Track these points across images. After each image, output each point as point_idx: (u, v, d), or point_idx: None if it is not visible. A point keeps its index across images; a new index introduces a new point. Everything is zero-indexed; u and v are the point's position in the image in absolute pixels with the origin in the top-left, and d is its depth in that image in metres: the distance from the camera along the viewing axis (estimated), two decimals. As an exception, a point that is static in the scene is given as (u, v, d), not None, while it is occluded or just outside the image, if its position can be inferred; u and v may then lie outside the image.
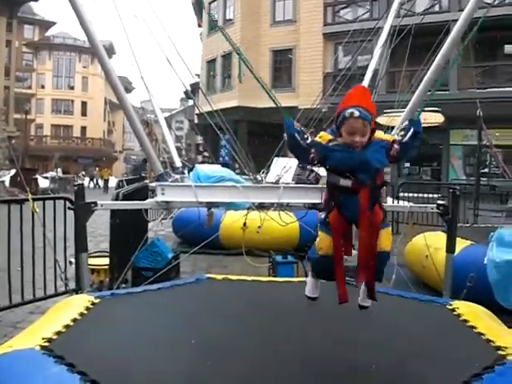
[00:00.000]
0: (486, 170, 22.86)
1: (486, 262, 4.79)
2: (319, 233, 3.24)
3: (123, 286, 5.87)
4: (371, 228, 3.07)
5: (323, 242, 3.19)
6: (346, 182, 3.06)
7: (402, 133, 3.24)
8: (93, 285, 6.05)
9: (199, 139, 39.88)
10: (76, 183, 5.02)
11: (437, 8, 24.87)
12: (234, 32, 31.05)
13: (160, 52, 5.92)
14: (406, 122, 3.35)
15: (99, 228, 11.56)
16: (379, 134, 3.19)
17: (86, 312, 3.01)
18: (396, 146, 3.14)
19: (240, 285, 3.78)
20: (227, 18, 33.16)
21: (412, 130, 3.16)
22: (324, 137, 3.16)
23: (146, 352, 2.54)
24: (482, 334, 2.73)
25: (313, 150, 3.12)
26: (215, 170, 5.77)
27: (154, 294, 3.52)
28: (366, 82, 7.82)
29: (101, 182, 42.16)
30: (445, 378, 2.38)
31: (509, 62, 25.44)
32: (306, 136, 3.19)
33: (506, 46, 26.78)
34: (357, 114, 3.01)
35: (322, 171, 6.40)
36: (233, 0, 32.31)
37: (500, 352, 2.44)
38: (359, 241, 3.10)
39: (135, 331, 2.82)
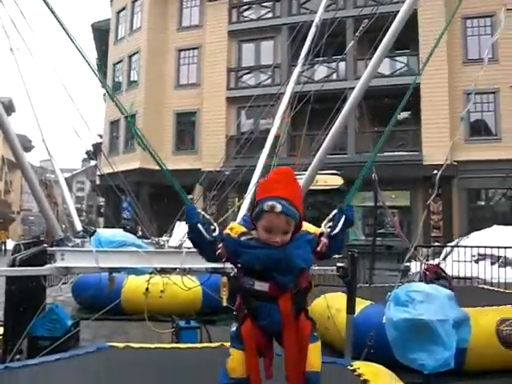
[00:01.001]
0: (383, 231, 23.74)
1: (384, 321, 4.94)
2: (230, 350, 2.63)
3: (17, 357, 5.57)
4: (298, 344, 2.55)
5: (236, 360, 2.57)
6: (262, 286, 2.52)
7: (330, 224, 2.81)
8: (-16, 357, 5.70)
9: (101, 201, 39.12)
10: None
11: (334, 76, 26.11)
12: (138, 93, 31.16)
13: (62, 111, 5.87)
14: (335, 211, 2.88)
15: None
16: (304, 225, 2.69)
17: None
18: (324, 239, 2.69)
19: (143, 353, 3.71)
20: (131, 79, 33.25)
21: (343, 217, 2.79)
22: (235, 229, 2.63)
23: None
24: (382, 396, 2.80)
25: (220, 245, 2.59)
26: (117, 234, 5.70)
27: (53, 366, 3.37)
28: (267, 146, 8.06)
29: None
30: None
31: (401, 128, 26.97)
32: (212, 227, 2.69)
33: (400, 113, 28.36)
34: (279, 208, 2.47)
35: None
36: (138, 62, 32.51)
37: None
38: (285, 360, 2.56)
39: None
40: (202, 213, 2.73)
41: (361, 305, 6.39)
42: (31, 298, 6.44)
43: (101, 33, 37.66)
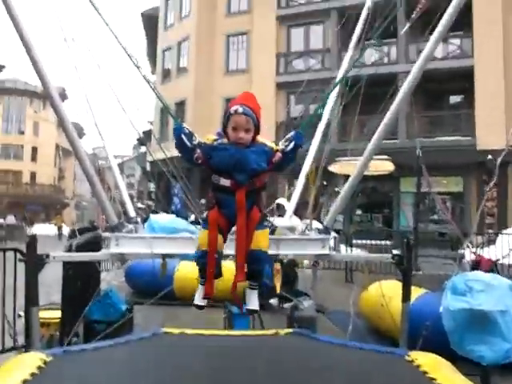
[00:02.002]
0: (435, 217, 23.35)
1: (441, 310, 4.83)
2: (201, 232, 3.53)
3: (75, 339, 5.69)
4: (247, 228, 3.29)
5: (203, 238, 3.41)
6: (225, 182, 3.33)
7: (286, 143, 3.51)
8: (42, 339, 5.83)
9: (152, 186, 39.62)
10: (28, 234, 4.89)
11: (386, 60, 25.65)
12: (188, 81, 31.35)
13: (114, 98, 5.90)
14: (292, 133, 3.59)
15: (50, 279, 11.24)
16: (262, 139, 3.50)
17: (37, 372, 2.87)
18: (279, 154, 3.44)
19: (197, 339, 3.68)
20: (181, 66, 33.46)
21: (293, 142, 3.49)
22: (209, 138, 3.43)
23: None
24: (442, 387, 2.72)
25: (198, 151, 3.38)
26: (170, 220, 5.72)
27: (109, 351, 3.39)
28: (319, 131, 7.96)
29: (54, 229, 41.32)
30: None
31: (453, 112, 26.37)
32: (193, 138, 3.43)
33: (451, 96, 27.78)
34: (240, 110, 3.35)
35: (277, 221, 6.42)
36: (186, 49, 32.66)
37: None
38: (235, 240, 3.33)
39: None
40: (187, 126, 3.50)
41: (416, 293, 6.26)
42: (87, 282, 6.55)
43: (150, 20, 37.97)
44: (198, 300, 3.70)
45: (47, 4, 5.37)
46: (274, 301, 9.15)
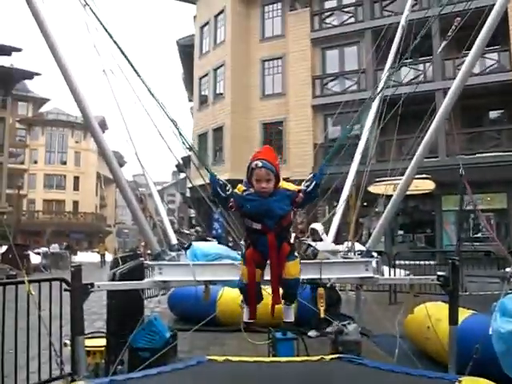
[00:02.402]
0: (479, 235, 22.89)
1: (490, 332, 4.69)
2: (241, 267, 4.13)
3: (119, 367, 5.72)
4: (278, 260, 3.91)
5: (243, 273, 4.07)
6: (256, 226, 3.90)
7: (307, 183, 4.00)
8: (88, 367, 5.87)
9: (192, 212, 39.93)
10: (73, 264, 4.95)
11: (421, 78, 25.45)
12: (225, 106, 31.66)
13: (152, 126, 5.98)
14: (311, 175, 4.06)
15: (93, 306, 11.37)
16: (285, 184, 4.02)
17: (85, 402, 2.90)
18: (301, 195, 3.95)
19: (242, 366, 3.68)
20: (217, 92, 33.81)
21: (314, 182, 3.98)
22: (240, 189, 3.99)
23: None
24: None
25: (232, 200, 3.99)
26: (212, 247, 5.76)
27: (155, 380, 3.41)
28: (358, 152, 7.92)
29: (97, 256, 41.95)
30: None
31: (494, 128, 25.95)
32: (227, 188, 4.04)
33: (490, 112, 27.40)
34: (260, 164, 3.82)
35: (319, 246, 6.39)
36: (223, 75, 33.03)
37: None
38: (270, 273, 3.97)
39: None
40: (220, 178, 4.11)
41: (463, 314, 6.10)
42: (131, 310, 6.60)
43: (186, 48, 38.56)
44: (246, 318, 4.33)
45: (87, 36, 5.51)
46: (312, 333, 9.06)
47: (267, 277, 4.14)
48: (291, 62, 30.15)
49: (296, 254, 4.17)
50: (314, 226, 9.49)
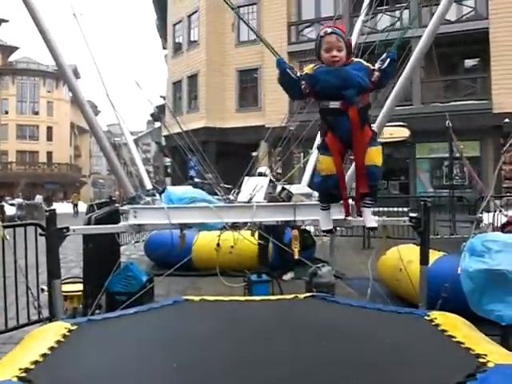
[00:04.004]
0: (454, 182, 23.21)
1: (459, 272, 4.83)
2: (319, 157, 3.72)
3: (97, 311, 5.79)
4: (363, 145, 3.51)
5: (324, 163, 3.65)
6: (335, 104, 3.47)
7: (381, 62, 3.59)
8: (66, 312, 5.94)
9: (167, 161, 39.76)
10: (47, 209, 4.95)
11: (398, 25, 25.25)
12: (199, 53, 31.21)
13: (126, 74, 5.93)
14: (385, 55, 3.65)
15: (70, 254, 11.41)
16: (359, 60, 3.71)
17: (63, 339, 2.94)
18: (377, 72, 3.53)
19: (218, 305, 3.75)
20: (192, 39, 33.26)
21: (389, 59, 3.56)
22: (309, 68, 3.61)
23: (127, 379, 2.49)
24: (462, 343, 2.75)
25: (303, 82, 3.55)
26: (187, 191, 5.76)
27: (132, 319, 3.46)
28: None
29: (71, 207, 41.73)
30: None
31: (468, 76, 26.00)
32: (295, 71, 3.65)
33: (465, 60, 27.40)
34: (329, 30, 3.49)
35: (293, 188, 6.44)
36: (197, 21, 32.43)
37: (480, 359, 2.46)
38: (354, 155, 3.60)
39: (115, 358, 2.75)
40: (287, 62, 3.75)
41: (434, 256, 6.26)
42: (107, 255, 6.64)
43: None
44: (324, 225, 4.08)
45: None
46: (288, 276, 9.19)
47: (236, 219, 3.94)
48: (266, 8, 29.67)
49: (379, 141, 3.82)
50: (262, 169, 9.34)
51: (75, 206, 40.56)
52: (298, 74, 3.61)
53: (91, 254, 5.97)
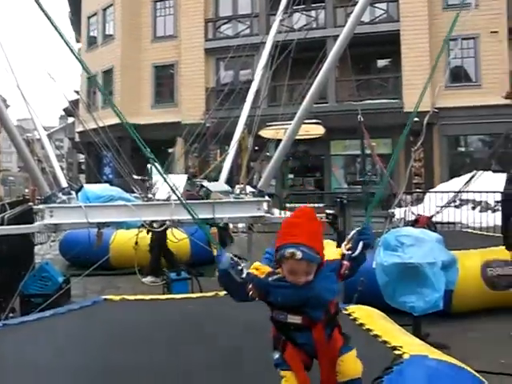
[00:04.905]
0: (365, 178, 23.85)
1: (374, 266, 5.02)
2: (281, 373, 2.67)
3: (11, 315, 5.60)
4: (332, 360, 2.65)
5: (289, 381, 2.64)
6: (295, 319, 2.63)
7: (350, 245, 2.84)
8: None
9: (81, 158, 38.80)
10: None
11: (314, 25, 25.73)
12: (115, 48, 30.61)
13: (38, 65, 5.76)
14: (354, 232, 2.90)
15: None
16: (329, 256, 2.74)
17: (-23, 345, 2.85)
18: (346, 262, 2.73)
19: (138, 305, 3.74)
20: (107, 33, 32.55)
21: (362, 243, 2.80)
22: (261, 269, 2.72)
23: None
24: (379, 336, 2.86)
25: (250, 287, 2.66)
26: (104, 189, 5.67)
27: (50, 321, 3.39)
28: (249, 99, 7.99)
29: None
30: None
31: (381, 76, 26.84)
32: (240, 268, 2.71)
33: (378, 60, 28.27)
34: (299, 255, 2.52)
35: (211, 186, 6.46)
36: (113, 15, 31.77)
37: (396, 352, 2.57)
38: (321, 374, 2.70)
39: (32, 363, 2.68)
40: (230, 255, 2.76)
41: (349, 251, 6.44)
42: (21, 256, 6.44)
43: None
44: None
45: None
46: (147, 279, 8.66)
47: None
48: (183, 2, 29.40)
49: (350, 344, 2.73)
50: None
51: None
52: (244, 275, 2.70)
53: (4, 256, 5.77)
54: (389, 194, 9.88)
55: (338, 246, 5.12)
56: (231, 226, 9.98)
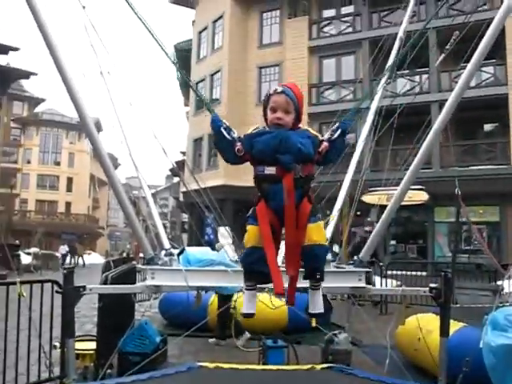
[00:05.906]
0: (471, 247, 22.92)
1: (481, 345, 4.70)
2: (247, 228, 3.16)
3: (109, 371, 5.69)
4: (297, 219, 3.03)
5: (251, 233, 3.12)
6: (270, 170, 3.06)
7: (332, 133, 3.29)
8: (77, 370, 5.84)
9: (184, 217, 39.89)
10: (67, 266, 4.94)
11: (417, 89, 25.53)
12: (220, 112, 31.69)
13: (147, 129, 5.98)
14: (337, 124, 3.35)
15: (83, 308, 11.31)
16: (307, 128, 3.33)
17: (74, 406, 2.88)
18: (325, 143, 3.21)
19: (232, 374, 3.66)
20: (214, 97, 33.77)
21: (340, 129, 3.27)
22: (249, 130, 3.28)
23: None
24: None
25: (238, 144, 3.20)
26: (205, 253, 5.73)
27: (145, 385, 3.38)
28: (353, 161, 7.93)
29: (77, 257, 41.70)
30: None
31: (488, 141, 26.06)
32: (232, 131, 3.30)
33: (484, 125, 27.54)
34: (279, 89, 3.17)
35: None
36: (219, 81, 33.01)
37: None
38: (285, 228, 3.06)
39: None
40: (224, 120, 3.38)
41: (454, 327, 6.11)
42: (122, 313, 6.58)
43: (183, 53, 38.52)
44: (246, 308, 3.35)
45: (85, 38, 5.50)
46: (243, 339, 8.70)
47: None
48: (288, 69, 30.16)
49: (319, 215, 3.23)
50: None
51: (80, 256, 40.78)
52: (235, 135, 3.26)
53: (106, 313, 5.92)
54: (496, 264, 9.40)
55: (443, 321, 4.89)
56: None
